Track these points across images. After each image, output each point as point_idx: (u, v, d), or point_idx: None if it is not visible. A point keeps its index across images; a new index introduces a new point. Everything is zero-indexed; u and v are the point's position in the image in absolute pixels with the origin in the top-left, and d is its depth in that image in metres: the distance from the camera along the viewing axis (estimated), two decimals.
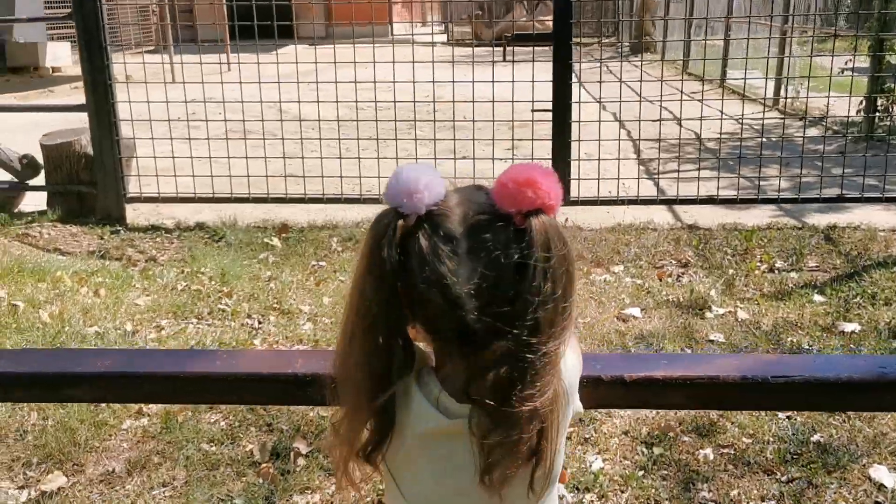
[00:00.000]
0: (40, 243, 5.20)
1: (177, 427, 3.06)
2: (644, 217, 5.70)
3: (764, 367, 1.29)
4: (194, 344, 3.70)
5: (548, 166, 1.20)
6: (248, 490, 2.75)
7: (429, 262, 1.08)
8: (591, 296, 4.40)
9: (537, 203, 1.11)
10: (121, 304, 4.11)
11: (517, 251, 1.09)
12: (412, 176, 1.11)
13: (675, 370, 1.30)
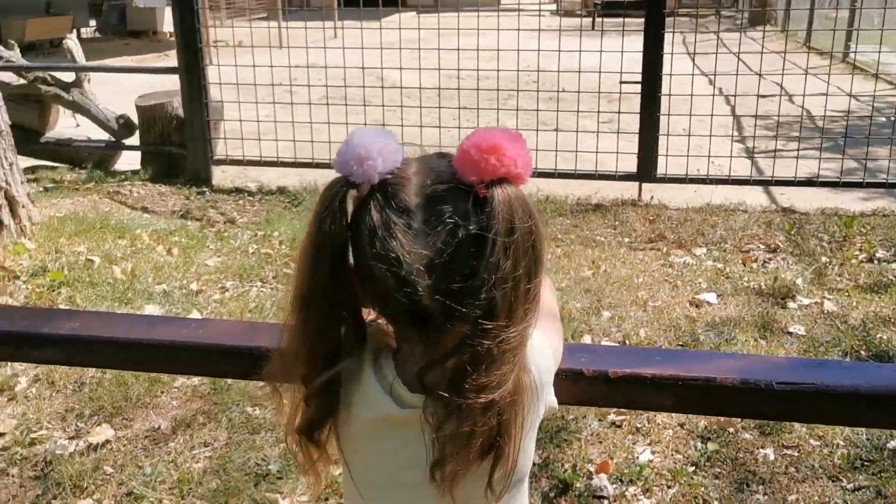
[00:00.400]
0: (129, 201, 5.37)
1: (225, 388, 3.09)
2: (736, 198, 5.39)
3: (768, 371, 1.14)
4: (253, 307, 3.73)
5: (516, 131, 1.08)
6: (283, 456, 2.74)
7: (380, 235, 0.97)
8: (666, 278, 4.19)
9: (501, 172, 1.00)
10: (191, 264, 4.19)
11: (476, 224, 0.98)
12: (365, 141, 1.01)
13: (665, 368, 1.16)
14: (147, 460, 2.76)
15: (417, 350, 1.05)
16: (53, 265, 3.91)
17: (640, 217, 5.10)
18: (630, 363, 1.18)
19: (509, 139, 1.03)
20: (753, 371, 1.15)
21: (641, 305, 3.86)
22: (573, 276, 4.21)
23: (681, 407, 1.17)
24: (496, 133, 1.03)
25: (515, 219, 0.99)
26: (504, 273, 0.98)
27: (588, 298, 3.91)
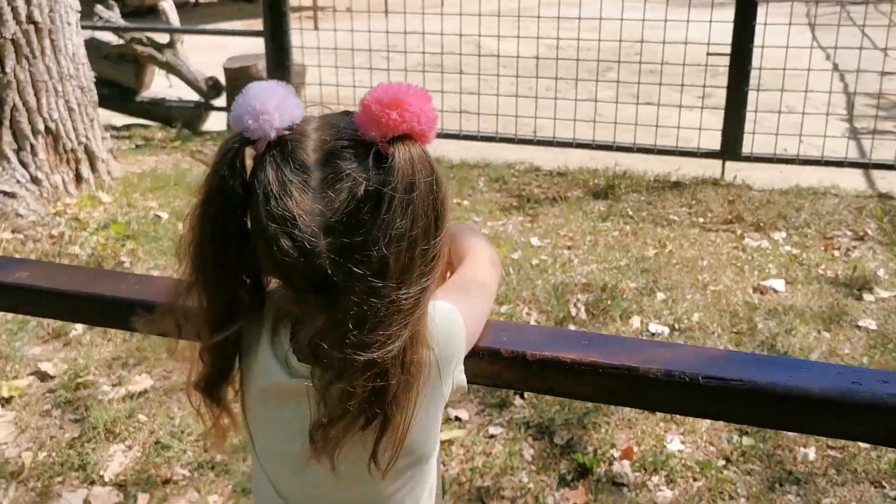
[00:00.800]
0: (209, 160, 5.52)
1: None
2: (828, 180, 5.06)
3: (697, 363, 1.05)
4: None
5: (421, 88, 1.01)
6: None
7: (274, 194, 0.93)
8: (734, 262, 3.98)
9: (403, 128, 0.95)
10: None
11: (376, 181, 0.93)
12: (261, 94, 0.97)
13: (589, 354, 1.08)
14: (179, 411, 2.84)
15: (315, 318, 1.01)
16: (123, 219, 4.06)
17: (718, 197, 4.86)
18: (552, 346, 1.11)
19: (414, 94, 0.98)
20: (681, 363, 1.05)
21: (701, 289, 3.68)
22: (634, 254, 4.06)
23: (601, 396, 1.09)
24: (400, 88, 0.98)
25: (416, 177, 0.95)
26: (399, 231, 0.93)
27: (644, 278, 3.76)
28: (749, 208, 4.70)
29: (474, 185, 5.20)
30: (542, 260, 4.01)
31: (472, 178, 5.29)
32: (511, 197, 5.03)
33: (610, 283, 3.68)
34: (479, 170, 5.46)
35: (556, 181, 5.23)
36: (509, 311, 3.51)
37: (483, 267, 1.24)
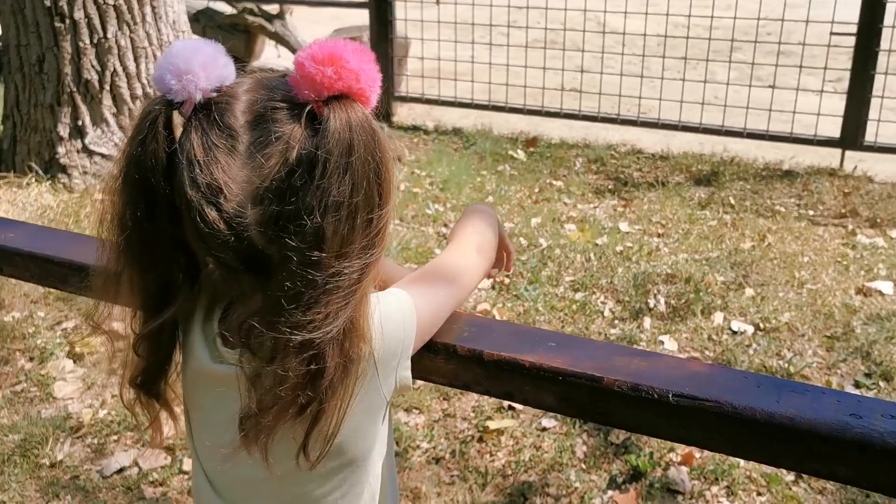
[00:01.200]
0: None
1: None
2: None
3: (670, 378, 0.91)
4: None
5: (363, 44, 0.91)
6: None
7: (198, 161, 0.85)
8: (840, 260, 3.66)
9: (338, 86, 0.86)
10: None
11: (309, 145, 0.85)
12: (184, 52, 0.89)
13: (553, 358, 0.96)
14: None
15: (247, 299, 0.93)
16: None
17: (833, 188, 4.49)
18: (514, 345, 0.99)
19: (353, 51, 0.89)
20: (652, 376, 0.91)
21: (796, 287, 3.40)
22: (728, 246, 3.80)
23: (563, 408, 0.97)
24: (337, 43, 0.89)
25: (354, 139, 0.86)
26: (336, 198, 0.84)
27: (734, 272, 3.51)
28: (866, 202, 4.32)
29: (570, 165, 5.02)
30: (627, 247, 3.82)
31: (569, 159, 5.11)
32: (608, 179, 4.83)
33: (696, 275, 3.46)
34: (577, 150, 5.27)
35: (658, 165, 4.98)
36: (583, 299, 3.35)
37: (463, 254, 1.14)
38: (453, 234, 1.19)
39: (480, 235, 1.18)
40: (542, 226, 4.05)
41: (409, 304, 0.99)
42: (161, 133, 0.88)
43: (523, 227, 4.02)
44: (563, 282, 3.51)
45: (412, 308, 0.99)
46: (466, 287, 1.10)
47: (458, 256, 1.13)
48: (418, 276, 1.08)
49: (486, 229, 1.20)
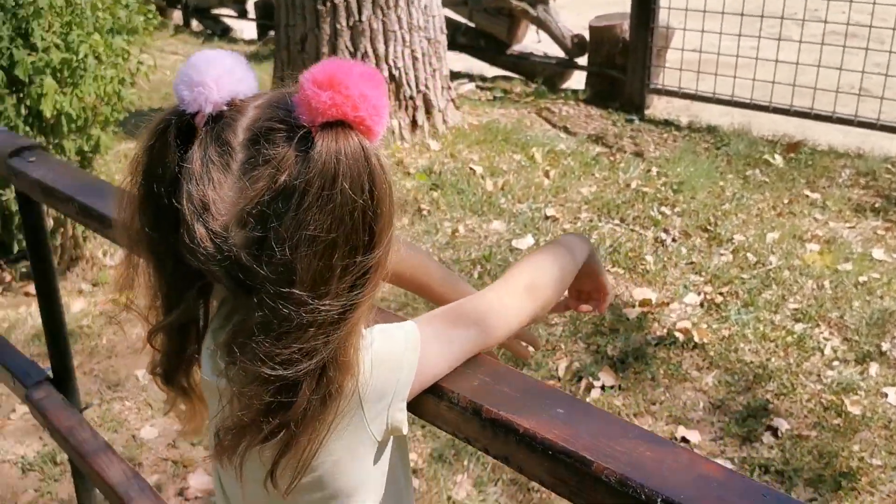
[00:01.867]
0: (553, 119, 5.51)
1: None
2: None
3: (667, 478, 0.77)
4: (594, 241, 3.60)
5: (374, 70, 0.85)
6: None
7: (195, 176, 0.85)
8: None
9: (333, 113, 0.81)
10: (563, 190, 4.18)
11: (295, 172, 0.81)
12: (200, 63, 0.88)
13: (550, 428, 0.85)
14: None
15: (237, 315, 0.93)
16: (439, 167, 4.24)
17: None
18: (516, 404, 0.89)
19: (358, 75, 0.84)
20: (649, 470, 0.78)
21: None
22: None
23: (555, 486, 0.85)
24: (341, 65, 0.84)
25: (340, 171, 0.80)
26: (311, 232, 0.80)
27: None
28: None
29: (834, 176, 4.50)
30: (874, 278, 3.35)
31: (834, 169, 4.58)
32: (875, 196, 4.27)
33: None
34: (846, 159, 4.71)
35: None
36: (803, 332, 3.00)
37: (504, 294, 1.04)
38: (511, 267, 1.10)
39: (539, 273, 1.08)
40: (778, 242, 3.67)
41: (415, 343, 0.93)
42: (171, 143, 0.88)
43: (755, 242, 3.67)
44: (785, 309, 3.16)
45: (416, 347, 0.93)
46: (496, 329, 1.01)
47: (495, 296, 1.04)
48: (442, 312, 1.01)
49: (551, 267, 1.09)
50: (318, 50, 4.34)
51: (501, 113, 5.45)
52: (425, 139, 4.56)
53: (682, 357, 2.90)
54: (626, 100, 5.78)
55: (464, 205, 3.94)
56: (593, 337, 3.01)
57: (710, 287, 3.31)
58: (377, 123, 0.84)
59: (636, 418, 2.62)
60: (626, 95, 5.78)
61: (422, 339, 0.94)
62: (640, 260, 3.50)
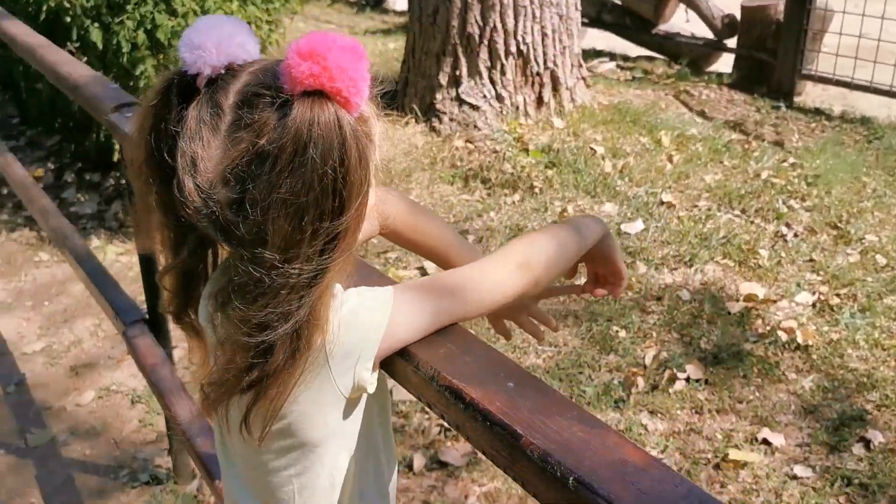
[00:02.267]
0: (691, 102, 5.31)
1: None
2: None
3: (587, 458, 0.77)
4: (706, 230, 3.48)
5: (356, 42, 0.89)
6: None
7: (189, 134, 0.91)
8: None
9: (311, 83, 0.86)
10: (685, 176, 4.04)
11: (271, 137, 0.86)
12: (203, 27, 0.94)
13: (493, 399, 0.87)
14: None
15: (226, 268, 0.99)
16: (559, 145, 4.20)
17: None
18: (472, 374, 0.91)
19: (339, 48, 0.88)
20: (574, 448, 0.78)
21: None
22: None
23: (495, 458, 0.86)
24: (325, 37, 0.88)
25: (311, 140, 0.85)
26: (281, 196, 0.85)
27: None
28: None
29: None
30: None
31: None
32: None
33: None
34: None
35: None
36: None
37: (491, 268, 1.06)
38: (510, 241, 1.11)
39: (534, 251, 1.08)
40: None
41: (386, 306, 0.96)
42: (173, 100, 0.94)
43: (888, 244, 3.42)
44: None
45: (387, 311, 0.96)
46: (475, 301, 1.02)
47: (482, 269, 1.05)
48: (422, 281, 1.03)
49: (548, 245, 1.09)
50: (449, 23, 4.39)
51: (636, 94, 5.31)
52: (550, 117, 4.52)
53: (780, 357, 2.77)
54: (774, 85, 5.48)
55: (577, 185, 3.90)
56: (688, 328, 2.92)
57: (826, 287, 3.13)
58: (354, 95, 0.87)
59: (718, 415, 2.53)
60: (775, 80, 5.47)
61: (394, 304, 0.97)
62: (753, 253, 3.34)
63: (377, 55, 6.37)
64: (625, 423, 2.51)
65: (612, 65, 6.13)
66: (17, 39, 2.60)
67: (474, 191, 3.92)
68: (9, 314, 3.47)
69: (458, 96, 4.44)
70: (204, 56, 0.93)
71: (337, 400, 0.98)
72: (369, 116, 0.95)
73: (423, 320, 0.98)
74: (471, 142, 4.31)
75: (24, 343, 3.27)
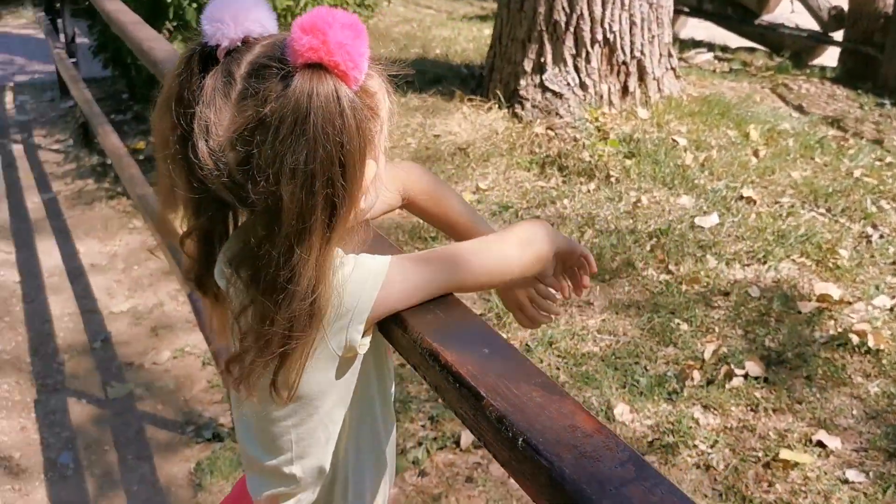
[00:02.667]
0: (788, 97, 5.14)
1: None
2: None
3: (539, 422, 0.80)
4: (784, 228, 3.38)
5: (356, 19, 0.94)
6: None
7: (204, 100, 0.97)
8: None
9: (310, 55, 0.91)
10: (771, 171, 3.92)
11: (274, 106, 0.92)
12: (223, 2, 1.00)
13: (465, 363, 0.91)
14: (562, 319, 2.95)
15: (244, 230, 1.06)
16: (640, 136, 4.14)
17: None
18: (453, 339, 0.95)
19: (339, 24, 0.93)
20: (531, 413, 0.81)
21: None
22: None
23: (463, 419, 0.90)
24: (326, 13, 0.94)
25: (311, 110, 0.91)
26: (290, 165, 0.91)
27: None
28: None
29: None
30: None
31: None
32: None
33: None
34: None
35: None
36: None
37: (492, 242, 1.10)
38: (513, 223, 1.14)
39: (529, 232, 1.11)
40: None
41: (381, 272, 1.01)
42: (194, 70, 1.01)
43: None
44: None
45: (380, 277, 1.00)
46: (473, 274, 1.05)
47: (484, 243, 1.10)
48: (420, 253, 1.08)
49: (539, 233, 1.12)
50: (535, 10, 4.38)
51: (730, 86, 5.17)
52: (635, 106, 4.46)
53: (848, 360, 2.68)
54: (880, 81, 5.25)
55: (655, 176, 3.84)
56: (754, 325, 2.86)
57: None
58: (352, 69, 0.92)
59: (774, 414, 2.48)
60: (882, 76, 5.24)
61: (389, 272, 1.01)
62: (833, 253, 3.23)
63: (471, 40, 6.41)
64: (675, 415, 2.49)
65: (710, 56, 5.99)
66: (112, 16, 2.77)
67: (550, 178, 3.93)
68: (102, 275, 3.71)
69: (542, 83, 4.43)
70: (222, 28, 0.99)
71: (330, 357, 1.03)
72: (376, 91, 0.99)
73: (417, 289, 1.02)
74: (551, 129, 4.30)
75: (113, 303, 3.49)
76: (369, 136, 0.96)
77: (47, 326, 3.37)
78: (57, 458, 2.67)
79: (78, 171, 4.99)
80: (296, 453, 1.11)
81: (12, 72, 7.37)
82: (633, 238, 3.37)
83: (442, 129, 4.38)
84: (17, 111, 6.30)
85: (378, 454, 1.18)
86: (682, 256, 3.23)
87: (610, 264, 3.22)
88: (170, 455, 2.65)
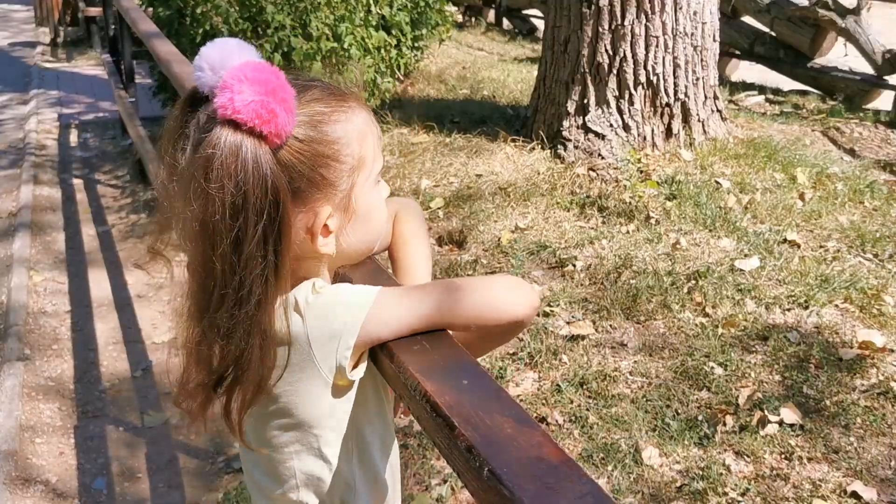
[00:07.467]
0: (840, 140, 5.05)
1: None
2: None
3: (506, 452, 0.81)
4: (830, 272, 3.30)
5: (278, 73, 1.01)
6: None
7: (182, 144, 1.04)
8: None
9: (223, 113, 0.96)
10: (818, 215, 3.84)
11: (188, 158, 1.00)
12: (206, 51, 1.04)
13: (443, 393, 0.92)
14: (595, 360, 2.92)
15: None
16: (682, 177, 4.11)
17: None
18: (435, 370, 0.96)
19: (254, 79, 0.97)
20: (499, 443, 0.82)
21: None
22: None
23: (440, 448, 0.91)
24: (239, 69, 0.98)
25: (214, 163, 0.96)
26: (194, 210, 0.97)
27: None
28: None
29: None
30: None
31: None
32: None
33: None
34: None
35: None
36: None
37: (485, 281, 1.13)
38: None
39: (517, 280, 1.14)
40: None
41: (367, 301, 1.03)
42: (186, 111, 1.06)
43: None
44: None
45: (366, 306, 1.02)
46: (464, 309, 1.05)
47: (473, 282, 1.12)
48: (411, 287, 1.11)
49: (524, 282, 1.15)
50: (579, 52, 4.42)
51: (780, 129, 5.11)
52: (679, 148, 4.44)
53: (889, 410, 2.59)
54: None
55: (696, 218, 3.80)
56: (791, 371, 2.79)
57: None
58: (266, 127, 0.96)
59: (809, 463, 2.40)
60: None
61: (376, 302, 1.03)
62: (878, 299, 3.14)
63: (519, 81, 6.46)
64: (706, 460, 2.43)
65: (760, 98, 5.93)
66: (161, 57, 2.89)
67: (589, 218, 3.91)
68: (147, 306, 3.81)
69: (585, 124, 4.45)
70: (202, 77, 1.03)
71: (324, 384, 1.05)
72: (339, 137, 1.04)
73: (402, 321, 1.04)
74: (593, 170, 4.30)
75: (156, 333, 3.58)
76: (273, 192, 0.97)
77: (92, 355, 3.47)
78: (91, 484, 2.73)
79: (133, 206, 5.16)
80: (300, 480, 1.13)
81: (79, 110, 7.68)
82: (670, 280, 3.33)
83: (484, 169, 4.41)
84: (80, 148, 6.55)
85: (376, 476, 1.19)
86: (719, 299, 3.18)
87: (646, 306, 3.18)
88: (199, 484, 2.69)
